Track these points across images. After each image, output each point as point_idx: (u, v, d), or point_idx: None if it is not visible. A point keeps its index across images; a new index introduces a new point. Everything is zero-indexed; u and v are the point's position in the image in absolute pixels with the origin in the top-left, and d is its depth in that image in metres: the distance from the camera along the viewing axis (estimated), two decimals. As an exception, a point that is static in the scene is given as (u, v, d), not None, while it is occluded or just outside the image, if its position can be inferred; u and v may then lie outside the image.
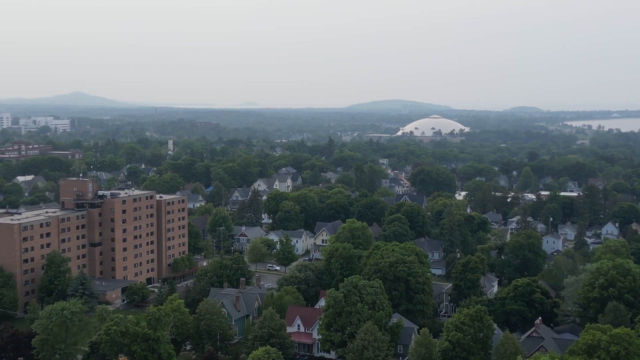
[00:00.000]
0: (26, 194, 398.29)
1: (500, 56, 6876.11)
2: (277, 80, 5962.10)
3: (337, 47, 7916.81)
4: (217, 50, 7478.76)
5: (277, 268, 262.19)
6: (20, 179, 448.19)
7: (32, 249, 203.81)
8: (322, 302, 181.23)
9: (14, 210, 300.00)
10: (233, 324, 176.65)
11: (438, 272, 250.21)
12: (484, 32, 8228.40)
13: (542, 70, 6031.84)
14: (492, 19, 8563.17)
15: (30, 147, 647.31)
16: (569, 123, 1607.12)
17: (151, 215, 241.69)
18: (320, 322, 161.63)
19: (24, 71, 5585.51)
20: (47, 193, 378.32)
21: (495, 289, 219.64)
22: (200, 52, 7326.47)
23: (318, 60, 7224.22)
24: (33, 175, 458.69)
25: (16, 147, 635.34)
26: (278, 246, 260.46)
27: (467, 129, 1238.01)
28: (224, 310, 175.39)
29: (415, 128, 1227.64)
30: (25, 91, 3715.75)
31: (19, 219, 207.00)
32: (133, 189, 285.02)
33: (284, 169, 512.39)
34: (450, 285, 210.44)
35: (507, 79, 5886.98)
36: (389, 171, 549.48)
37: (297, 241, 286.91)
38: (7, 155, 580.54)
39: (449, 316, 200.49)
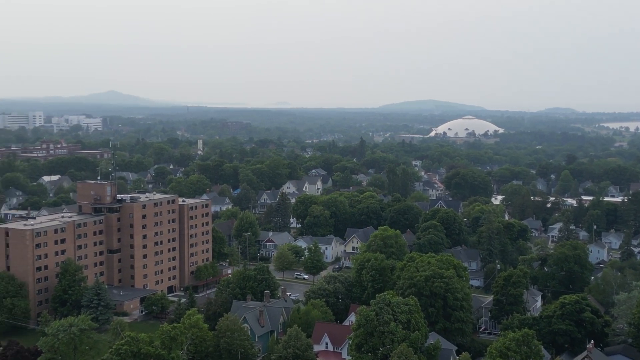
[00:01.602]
0: (51, 195, 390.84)
1: (534, 56, 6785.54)
2: (309, 80, 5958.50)
3: (370, 45, 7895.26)
4: (250, 50, 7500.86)
5: (305, 277, 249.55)
6: (46, 179, 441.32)
7: (46, 256, 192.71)
8: (352, 317, 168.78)
9: (35, 213, 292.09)
10: (256, 341, 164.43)
11: (476, 283, 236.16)
12: (517, 30, 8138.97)
13: (577, 70, 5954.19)
14: (526, 17, 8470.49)
15: (59, 146, 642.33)
16: (605, 125, 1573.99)
17: (173, 221, 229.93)
18: (351, 342, 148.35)
19: (60, 71, 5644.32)
20: (71, 194, 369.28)
21: (539, 303, 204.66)
22: (233, 51, 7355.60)
23: (350, 59, 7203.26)
24: (59, 176, 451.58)
25: (44, 146, 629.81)
26: (306, 253, 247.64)
27: (501, 130, 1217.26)
28: (247, 325, 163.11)
29: (449, 129, 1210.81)
30: (60, 90, 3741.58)
31: (32, 224, 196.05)
32: (154, 192, 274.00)
33: (314, 170, 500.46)
34: (490, 298, 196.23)
35: (541, 79, 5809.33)
36: (422, 173, 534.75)
37: (326, 248, 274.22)
38: (35, 155, 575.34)
39: (489, 333, 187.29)
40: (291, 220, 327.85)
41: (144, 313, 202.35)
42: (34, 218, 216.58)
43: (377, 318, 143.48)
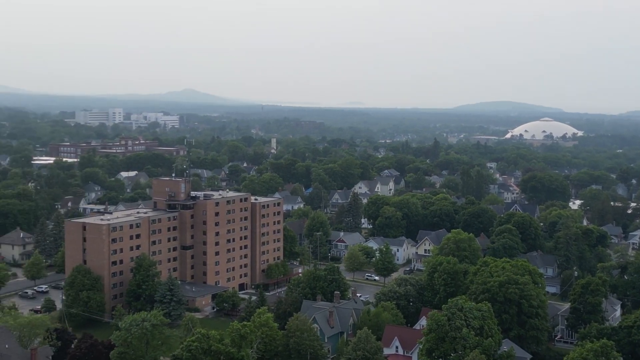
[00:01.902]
0: (128, 190, 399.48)
1: (615, 56, 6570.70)
2: (383, 80, 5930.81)
3: (446, 44, 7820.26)
4: (326, 50, 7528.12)
5: (376, 278, 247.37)
6: (124, 174, 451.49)
7: (121, 250, 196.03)
8: (423, 321, 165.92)
9: (112, 208, 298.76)
10: (325, 341, 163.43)
11: (552, 290, 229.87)
12: (597, 28, 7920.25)
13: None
14: (606, 14, 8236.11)
15: (137, 142, 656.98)
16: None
17: (245, 219, 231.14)
18: (421, 347, 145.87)
19: (140, 70, 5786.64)
20: (147, 190, 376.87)
21: (618, 313, 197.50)
22: (308, 52, 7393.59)
23: (426, 59, 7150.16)
24: (136, 171, 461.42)
25: (123, 142, 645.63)
26: (377, 255, 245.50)
27: (580, 133, 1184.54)
28: (316, 326, 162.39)
29: (525, 131, 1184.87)
30: (139, 87, 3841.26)
31: (108, 219, 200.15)
32: (227, 190, 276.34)
33: (386, 171, 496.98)
34: (567, 306, 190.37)
35: (623, 80, 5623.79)
36: (497, 176, 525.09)
37: (397, 250, 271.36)
38: (114, 151, 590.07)
39: (565, 342, 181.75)
40: (362, 220, 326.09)
41: (215, 310, 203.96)
42: (111, 213, 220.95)
43: (448, 323, 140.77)
